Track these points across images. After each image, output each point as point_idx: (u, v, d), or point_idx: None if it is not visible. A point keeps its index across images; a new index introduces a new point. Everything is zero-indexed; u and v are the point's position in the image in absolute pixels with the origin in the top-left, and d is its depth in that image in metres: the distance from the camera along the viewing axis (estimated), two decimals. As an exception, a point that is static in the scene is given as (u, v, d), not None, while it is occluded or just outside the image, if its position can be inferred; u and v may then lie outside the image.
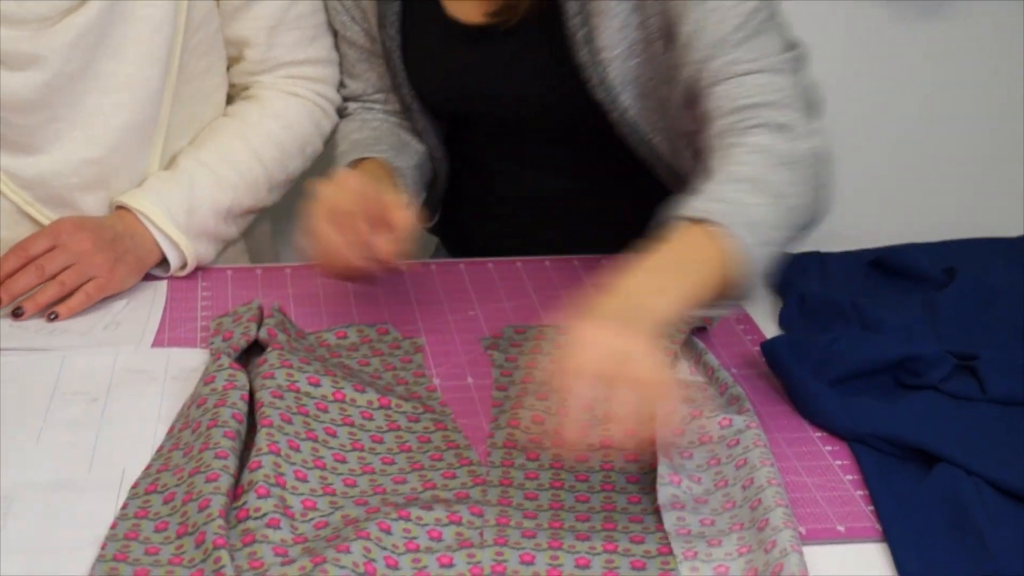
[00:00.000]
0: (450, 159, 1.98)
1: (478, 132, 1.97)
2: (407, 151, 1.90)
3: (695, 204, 1.41)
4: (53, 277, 1.65)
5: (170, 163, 1.84)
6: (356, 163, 1.80)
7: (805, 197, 1.51)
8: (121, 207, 1.77)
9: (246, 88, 1.91)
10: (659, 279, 1.34)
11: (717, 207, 1.40)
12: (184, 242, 1.76)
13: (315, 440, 1.36)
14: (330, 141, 1.94)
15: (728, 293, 1.38)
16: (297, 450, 1.34)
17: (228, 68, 1.91)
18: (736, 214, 1.39)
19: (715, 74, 1.58)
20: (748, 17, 1.58)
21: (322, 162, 1.94)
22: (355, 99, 1.96)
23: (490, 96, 1.84)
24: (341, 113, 1.98)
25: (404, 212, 1.56)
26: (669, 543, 1.24)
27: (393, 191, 1.63)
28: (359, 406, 1.43)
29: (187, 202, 1.77)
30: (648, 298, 1.31)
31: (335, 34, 1.92)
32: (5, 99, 1.72)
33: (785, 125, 1.53)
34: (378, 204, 1.56)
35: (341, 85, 1.96)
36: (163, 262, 1.78)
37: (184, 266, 1.78)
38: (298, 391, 1.42)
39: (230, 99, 1.94)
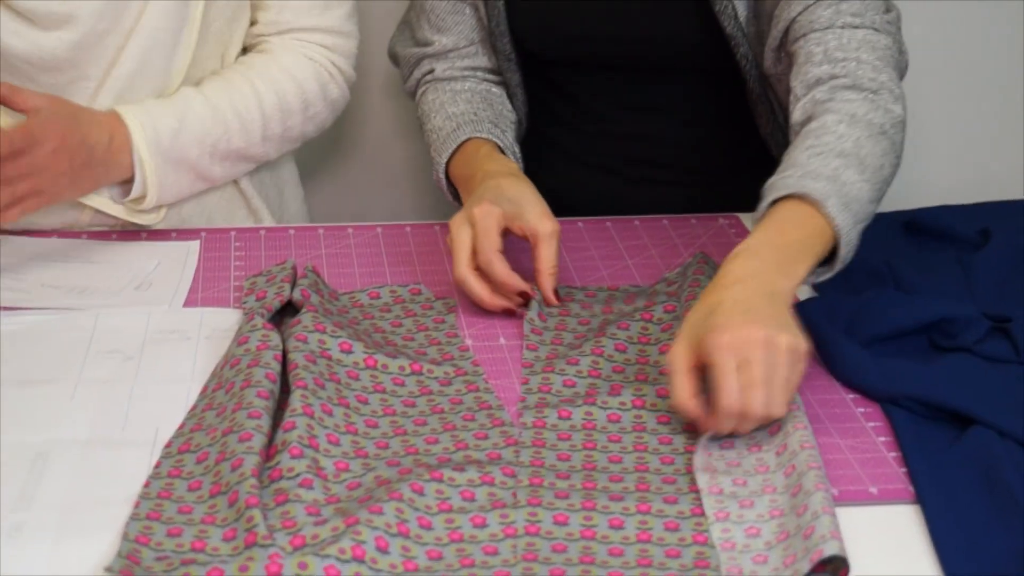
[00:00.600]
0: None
1: (581, 79, 1.93)
2: (504, 122, 1.87)
3: (796, 180, 1.46)
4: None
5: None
6: (462, 146, 1.78)
7: (894, 166, 1.57)
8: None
9: (257, 46, 1.91)
10: (781, 263, 1.40)
11: (817, 186, 1.44)
12: (151, 172, 1.75)
13: (347, 407, 1.37)
14: (341, 110, 1.96)
15: (824, 264, 1.46)
16: (330, 415, 1.34)
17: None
18: (835, 193, 1.44)
19: (817, 21, 1.62)
20: None
21: (407, 135, 1.94)
22: (444, 56, 1.93)
23: (616, 37, 1.83)
24: (421, 85, 1.95)
25: (548, 223, 1.59)
26: (702, 505, 1.24)
27: (532, 201, 1.62)
28: (391, 372, 1.43)
29: (176, 124, 1.77)
30: (777, 282, 1.37)
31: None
32: (37, 58, 1.72)
33: (880, 89, 1.58)
34: (522, 228, 1.59)
35: (428, 42, 1.93)
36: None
37: (143, 197, 1.77)
38: (330, 358, 1.42)
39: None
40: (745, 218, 1.85)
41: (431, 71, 1.94)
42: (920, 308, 1.51)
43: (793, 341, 1.31)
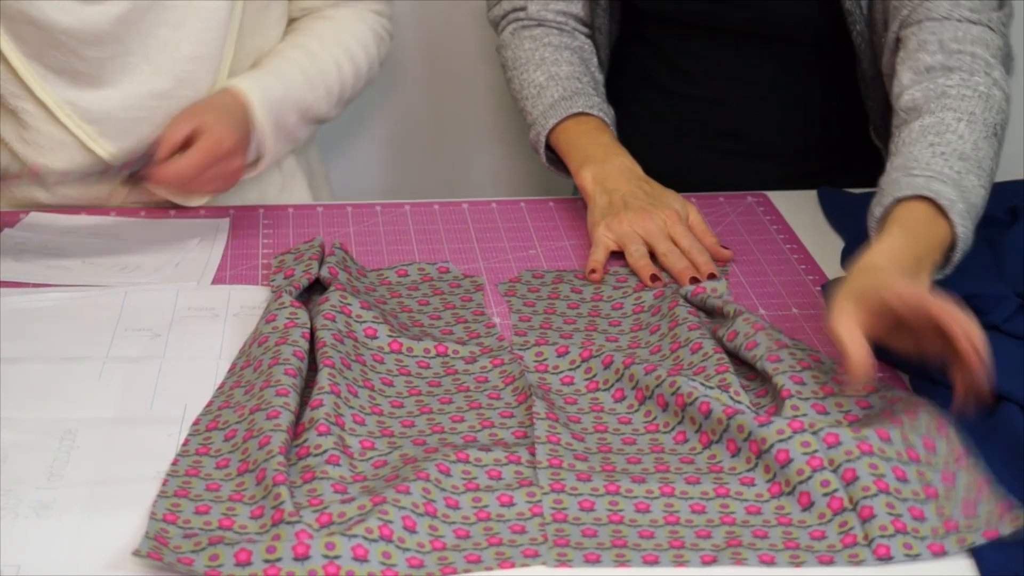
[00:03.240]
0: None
1: (683, 40, 1.93)
2: (601, 89, 1.88)
3: (925, 182, 1.46)
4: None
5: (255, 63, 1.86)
6: (573, 116, 1.80)
7: (998, 163, 1.58)
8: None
9: (307, 12, 1.93)
10: (911, 266, 1.40)
11: (943, 189, 1.45)
12: (270, 142, 1.79)
13: (372, 389, 1.37)
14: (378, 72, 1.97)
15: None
16: (355, 395, 1.34)
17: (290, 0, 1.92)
18: (959, 199, 1.46)
19: (935, 10, 1.62)
20: None
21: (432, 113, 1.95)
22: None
23: (739, 3, 1.83)
24: (509, 21, 1.95)
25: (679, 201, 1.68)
26: (726, 484, 1.24)
27: (667, 195, 1.70)
28: (416, 355, 1.43)
29: (282, 93, 1.80)
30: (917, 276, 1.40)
31: None
32: (81, 32, 1.72)
33: (993, 87, 1.58)
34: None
35: None
36: None
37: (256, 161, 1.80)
38: (356, 339, 1.42)
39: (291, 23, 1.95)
40: (774, 196, 1.84)
41: (523, 8, 1.92)
42: (948, 284, 1.50)
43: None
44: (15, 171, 1.76)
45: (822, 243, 1.73)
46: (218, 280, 1.62)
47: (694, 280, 1.56)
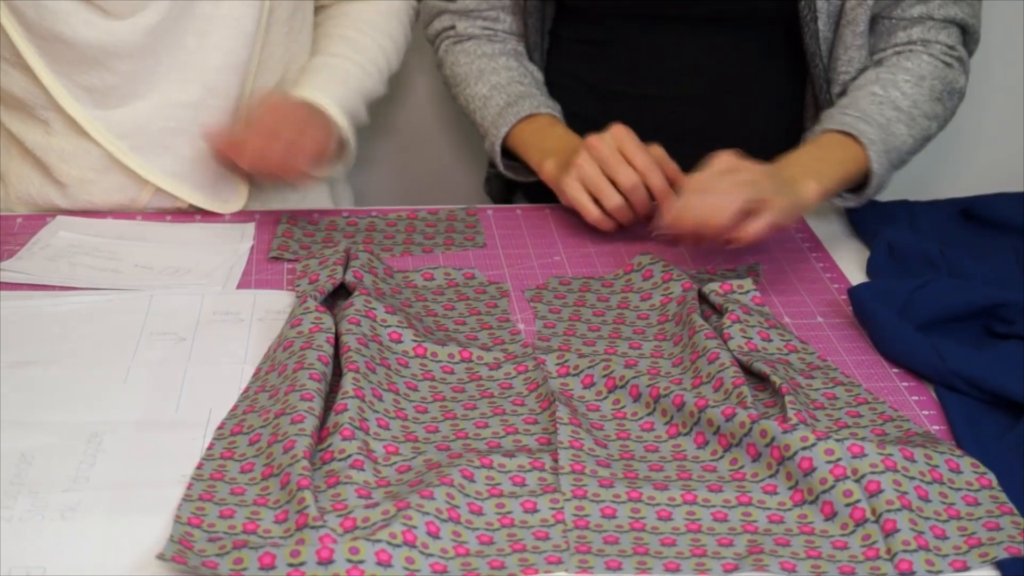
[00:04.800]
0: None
1: (624, 27, 1.91)
2: (540, 85, 1.93)
3: (850, 120, 1.69)
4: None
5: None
6: (526, 119, 1.85)
7: (941, 127, 1.80)
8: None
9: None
10: (810, 167, 1.65)
11: (868, 129, 1.68)
12: (351, 144, 1.83)
13: (396, 393, 1.37)
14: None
15: (854, 190, 1.72)
16: (380, 399, 1.34)
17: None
18: (881, 141, 1.69)
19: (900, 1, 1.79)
20: None
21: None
22: (467, 15, 1.95)
23: None
24: (442, 40, 1.99)
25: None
26: (748, 492, 1.24)
27: None
28: (440, 360, 1.43)
29: (350, 95, 1.84)
30: (798, 178, 1.61)
31: None
32: (110, 46, 1.73)
33: (953, 63, 1.80)
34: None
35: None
36: None
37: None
38: (381, 343, 1.42)
39: (318, 13, 1.96)
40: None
41: (452, 27, 1.97)
42: (975, 292, 1.50)
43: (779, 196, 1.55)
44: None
45: (847, 251, 1.73)
46: (243, 284, 1.62)
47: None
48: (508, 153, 1.87)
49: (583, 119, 1.91)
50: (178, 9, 1.73)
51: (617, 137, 1.69)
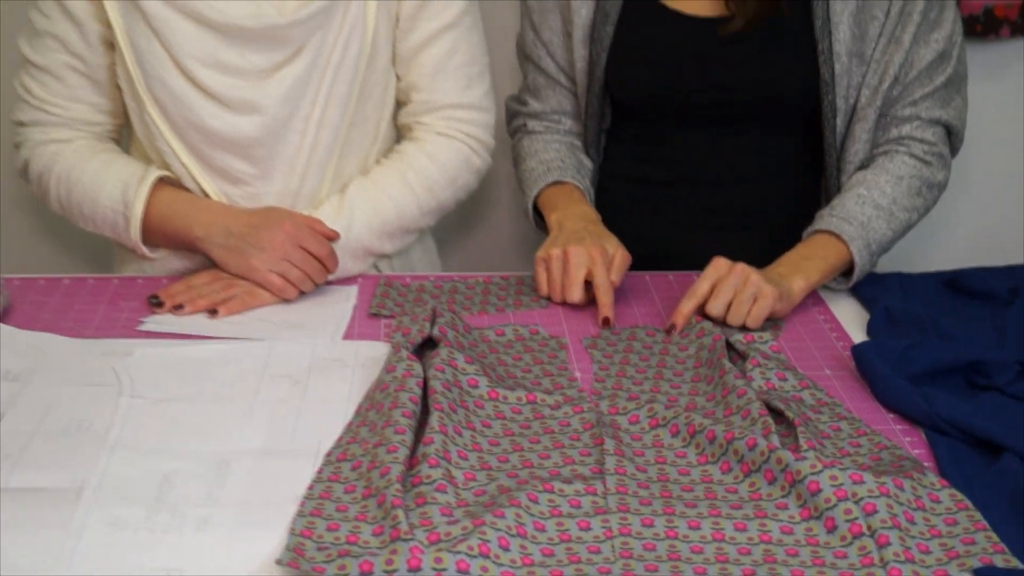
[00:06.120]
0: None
1: (670, 127, 1.90)
2: (583, 171, 1.93)
3: (836, 221, 1.71)
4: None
5: (341, 187, 1.83)
6: (553, 184, 1.87)
7: (921, 217, 1.79)
8: None
9: (411, 129, 1.89)
10: (798, 265, 1.68)
11: (850, 228, 1.70)
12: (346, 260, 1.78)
13: (473, 430, 1.36)
14: (485, 173, 1.94)
15: (842, 277, 1.74)
16: (460, 435, 1.33)
17: (398, 109, 1.90)
18: (861, 237, 1.70)
19: (898, 101, 1.78)
20: (947, 79, 1.78)
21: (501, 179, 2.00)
22: (536, 116, 1.98)
23: (727, 85, 1.81)
24: (517, 133, 2.00)
25: (622, 251, 1.70)
26: (763, 508, 1.23)
27: (608, 237, 1.73)
28: (510, 403, 1.42)
29: (346, 222, 1.77)
30: (789, 277, 1.66)
31: (530, 62, 1.96)
32: (236, 137, 1.74)
33: (933, 161, 1.78)
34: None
35: (525, 103, 1.99)
36: None
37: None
38: (461, 388, 1.42)
39: (399, 138, 1.93)
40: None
41: (524, 124, 2.00)
42: (958, 351, 1.49)
43: (768, 286, 1.59)
44: None
45: (848, 312, 1.71)
46: (348, 336, 1.62)
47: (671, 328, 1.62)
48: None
49: (634, 200, 1.95)
50: (287, 110, 1.74)
51: (563, 259, 1.69)
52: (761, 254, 1.71)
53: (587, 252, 1.66)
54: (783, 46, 1.77)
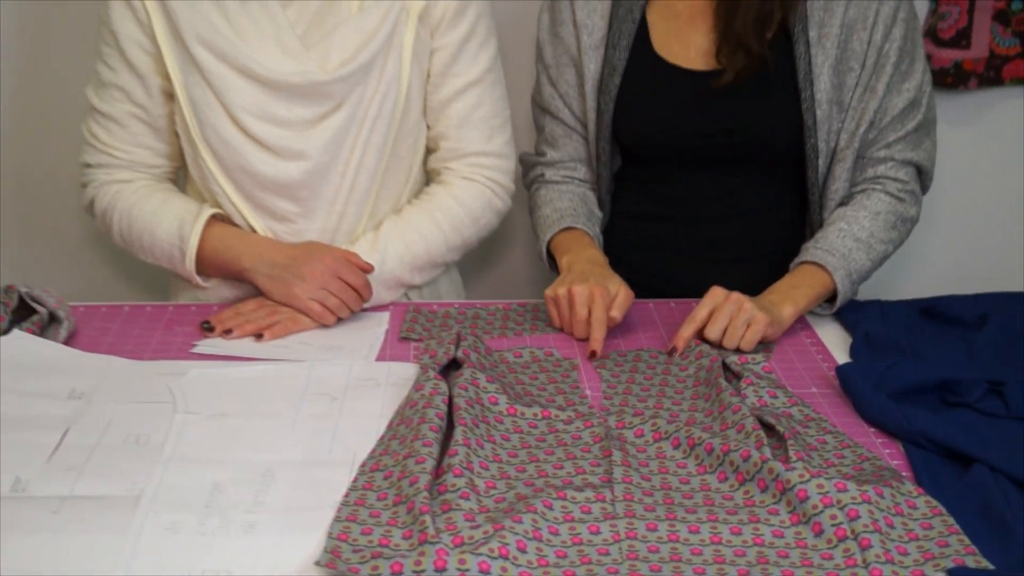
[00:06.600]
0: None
1: (672, 169, 1.91)
2: (594, 219, 1.92)
3: (820, 253, 1.73)
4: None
5: (376, 225, 1.84)
6: (564, 230, 1.86)
7: (896, 248, 1.81)
8: None
9: (439, 173, 1.90)
10: (787, 293, 1.70)
11: (832, 260, 1.72)
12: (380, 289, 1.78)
13: (494, 443, 1.37)
14: (505, 213, 1.94)
15: (826, 303, 1.75)
16: (481, 447, 1.34)
17: (428, 155, 1.90)
18: (843, 267, 1.72)
19: (874, 144, 1.80)
20: (917, 124, 1.80)
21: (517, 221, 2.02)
22: (553, 165, 1.96)
23: (721, 131, 1.82)
24: (534, 184, 1.98)
25: (625, 289, 1.68)
26: (756, 513, 1.24)
27: (611, 278, 1.71)
28: (527, 418, 1.43)
29: (380, 256, 1.78)
30: (779, 305, 1.67)
31: (548, 114, 1.94)
32: (283, 181, 1.75)
33: (906, 198, 1.80)
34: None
35: (543, 154, 1.97)
36: None
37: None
38: (483, 404, 1.42)
39: (428, 181, 1.94)
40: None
41: (542, 174, 1.97)
42: (932, 371, 1.49)
43: (761, 313, 1.61)
44: None
45: (832, 335, 1.71)
46: (380, 358, 1.62)
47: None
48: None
49: (640, 235, 1.96)
50: (329, 157, 1.75)
51: (569, 299, 1.69)
52: (754, 283, 1.72)
53: (589, 290, 1.65)
54: (770, 96, 1.78)
